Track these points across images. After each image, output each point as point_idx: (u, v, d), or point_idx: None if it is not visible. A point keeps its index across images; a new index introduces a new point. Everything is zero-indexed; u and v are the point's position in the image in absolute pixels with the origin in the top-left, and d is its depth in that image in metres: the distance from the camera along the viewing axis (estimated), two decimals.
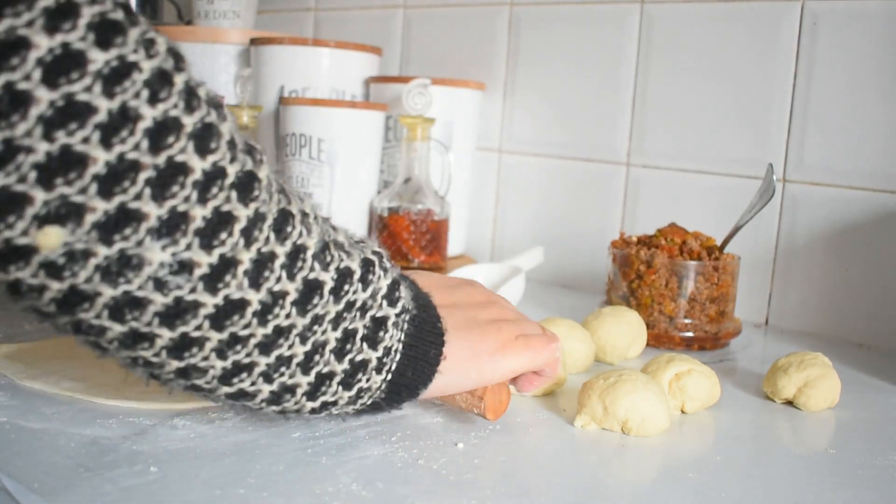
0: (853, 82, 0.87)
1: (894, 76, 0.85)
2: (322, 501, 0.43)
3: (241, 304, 0.40)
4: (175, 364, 0.41)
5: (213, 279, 0.38)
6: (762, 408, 0.64)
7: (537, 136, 1.10)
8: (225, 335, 0.40)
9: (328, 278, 0.43)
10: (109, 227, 0.35)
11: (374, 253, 0.48)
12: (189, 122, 0.37)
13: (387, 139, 1.04)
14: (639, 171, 1.02)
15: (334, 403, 0.47)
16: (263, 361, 0.42)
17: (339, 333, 0.45)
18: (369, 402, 0.48)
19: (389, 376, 0.48)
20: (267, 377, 0.43)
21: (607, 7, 1.03)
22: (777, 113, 0.91)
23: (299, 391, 0.45)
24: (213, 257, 0.38)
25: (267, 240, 0.40)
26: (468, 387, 0.52)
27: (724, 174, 0.95)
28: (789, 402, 0.64)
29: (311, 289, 0.43)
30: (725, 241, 0.82)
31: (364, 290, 0.46)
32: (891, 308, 0.86)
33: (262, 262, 0.40)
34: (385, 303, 0.47)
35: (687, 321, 0.78)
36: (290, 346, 0.43)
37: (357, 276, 0.45)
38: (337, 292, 0.44)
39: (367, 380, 0.47)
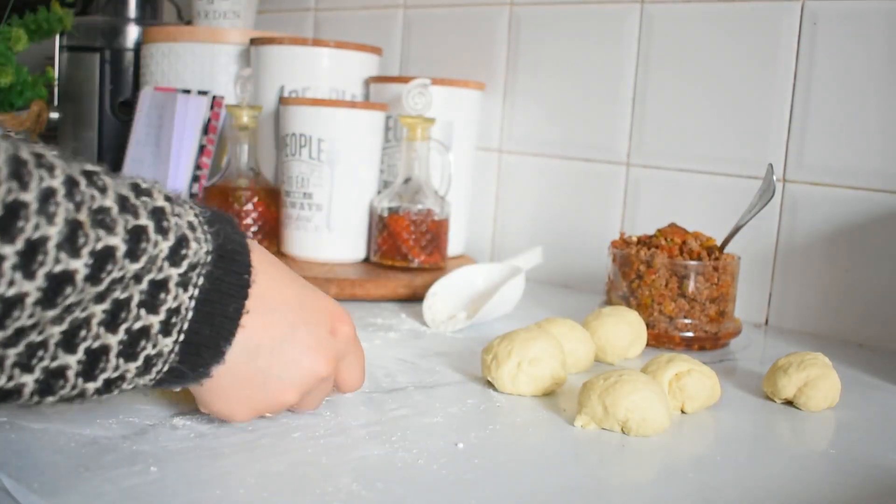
0: (853, 82, 0.87)
1: (894, 76, 0.85)
2: (322, 501, 0.43)
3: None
4: None
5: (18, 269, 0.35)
6: (762, 408, 0.64)
7: (537, 136, 1.10)
8: None
9: (79, 265, 0.38)
10: None
11: (154, 212, 0.42)
12: None
13: (387, 139, 1.04)
14: (639, 171, 1.02)
15: (121, 379, 0.43)
16: (11, 352, 0.38)
17: (105, 305, 0.41)
18: (165, 369, 0.45)
19: (181, 336, 0.44)
20: (22, 367, 0.39)
21: (607, 7, 1.03)
22: (777, 113, 0.91)
23: (70, 373, 0.40)
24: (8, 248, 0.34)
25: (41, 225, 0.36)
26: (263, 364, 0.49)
27: (724, 174, 0.95)
28: (789, 402, 0.64)
29: (58, 283, 0.37)
30: (725, 241, 0.82)
31: (133, 262, 0.41)
32: (891, 308, 0.86)
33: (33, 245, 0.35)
34: (166, 264, 0.43)
35: (687, 321, 0.78)
36: (41, 331, 0.38)
37: (121, 252, 0.40)
38: (94, 278, 0.39)
39: (154, 346, 0.43)
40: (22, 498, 0.42)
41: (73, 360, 0.40)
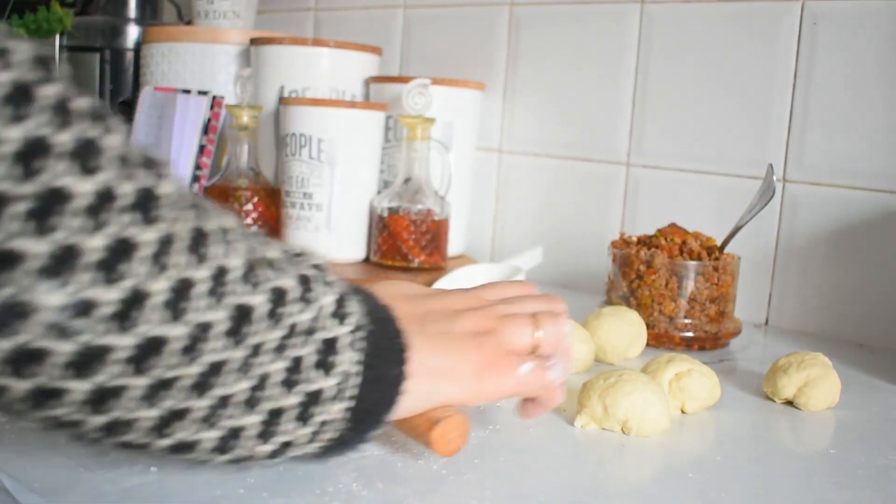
0: (853, 82, 0.87)
1: (894, 76, 0.85)
2: (322, 501, 0.43)
3: (159, 343, 0.34)
4: (96, 420, 0.35)
5: (121, 317, 0.33)
6: (762, 408, 0.64)
7: (537, 136, 1.10)
8: (146, 380, 0.35)
9: (260, 301, 0.38)
10: None
11: (314, 267, 0.43)
12: (59, 140, 0.32)
13: (387, 139, 1.04)
14: (639, 171, 1.02)
15: (291, 443, 0.41)
16: (198, 405, 0.37)
17: (283, 363, 0.39)
18: (336, 437, 0.43)
19: (353, 403, 0.42)
20: (206, 422, 0.38)
21: (607, 7, 1.03)
22: (777, 113, 0.91)
23: (246, 434, 0.39)
24: (116, 293, 0.33)
25: (179, 265, 0.35)
26: (437, 403, 0.47)
27: (724, 174, 0.95)
28: (789, 402, 0.64)
29: (242, 315, 0.37)
30: (725, 242, 0.82)
31: (305, 309, 0.40)
32: (891, 308, 0.86)
33: (178, 292, 0.35)
34: (334, 321, 0.41)
35: (687, 321, 0.78)
36: (227, 384, 0.37)
37: (294, 294, 0.40)
38: (273, 316, 0.38)
39: (326, 411, 0.41)
40: (22, 498, 0.42)
41: (251, 421, 0.39)
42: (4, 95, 0.31)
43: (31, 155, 0.31)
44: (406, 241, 0.94)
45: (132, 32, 1.24)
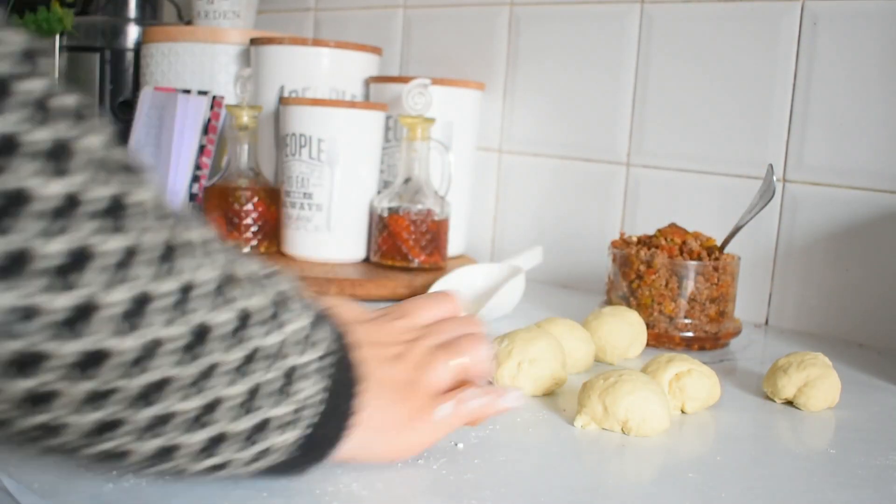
0: (853, 82, 0.87)
1: (894, 76, 0.85)
2: (322, 501, 0.43)
3: (104, 354, 0.33)
4: (27, 421, 0.34)
5: (68, 326, 0.32)
6: (762, 408, 0.64)
7: (537, 136, 1.10)
8: (86, 388, 0.33)
9: (224, 320, 0.36)
10: None
11: (288, 287, 0.41)
12: (32, 139, 0.31)
13: (387, 139, 1.04)
14: (639, 171, 1.02)
15: (231, 462, 0.39)
16: (137, 417, 0.35)
17: (242, 385, 0.37)
18: (280, 461, 0.41)
19: (309, 431, 0.40)
20: (144, 434, 0.36)
21: (607, 7, 1.03)
22: (777, 113, 0.91)
23: (184, 451, 0.38)
24: (67, 300, 0.32)
25: (140, 277, 0.33)
26: (374, 460, 0.46)
27: (724, 174, 0.95)
28: (789, 402, 0.64)
29: (201, 333, 0.36)
30: (725, 242, 0.82)
31: (274, 331, 0.39)
32: (891, 308, 0.86)
33: (135, 304, 0.33)
34: (303, 346, 0.40)
35: (687, 321, 0.78)
36: (174, 401, 0.36)
37: (264, 315, 0.38)
38: (235, 335, 0.37)
39: (272, 438, 0.39)
40: (22, 498, 0.42)
41: (190, 440, 0.37)
42: None
43: None
44: (406, 241, 0.94)
45: (132, 32, 1.24)
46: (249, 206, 0.99)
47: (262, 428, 0.39)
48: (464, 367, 0.48)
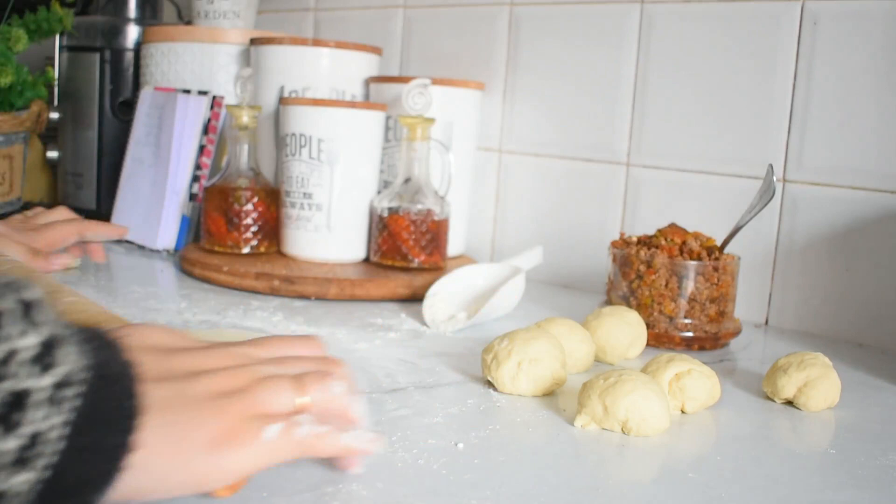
0: (853, 82, 0.87)
1: (894, 76, 0.85)
2: (322, 501, 0.43)
3: None
4: None
5: None
6: (762, 408, 0.64)
7: (537, 136, 1.10)
8: None
9: None
10: None
11: (20, 302, 0.34)
12: None
13: (387, 139, 1.04)
14: (639, 171, 1.02)
15: None
16: None
17: None
18: None
19: (45, 474, 0.33)
20: None
21: (607, 7, 1.03)
22: (777, 113, 0.91)
23: None
24: None
25: None
26: (178, 493, 0.39)
27: (724, 174, 0.95)
28: (789, 402, 0.64)
29: None
30: (725, 242, 0.82)
31: None
32: (891, 308, 0.86)
33: None
34: (31, 370, 0.33)
35: (687, 321, 0.78)
36: None
37: None
38: None
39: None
40: None
41: None
42: None
43: None
44: (406, 242, 0.94)
45: (132, 32, 1.24)
46: (249, 206, 0.99)
47: None
48: (309, 406, 0.43)
